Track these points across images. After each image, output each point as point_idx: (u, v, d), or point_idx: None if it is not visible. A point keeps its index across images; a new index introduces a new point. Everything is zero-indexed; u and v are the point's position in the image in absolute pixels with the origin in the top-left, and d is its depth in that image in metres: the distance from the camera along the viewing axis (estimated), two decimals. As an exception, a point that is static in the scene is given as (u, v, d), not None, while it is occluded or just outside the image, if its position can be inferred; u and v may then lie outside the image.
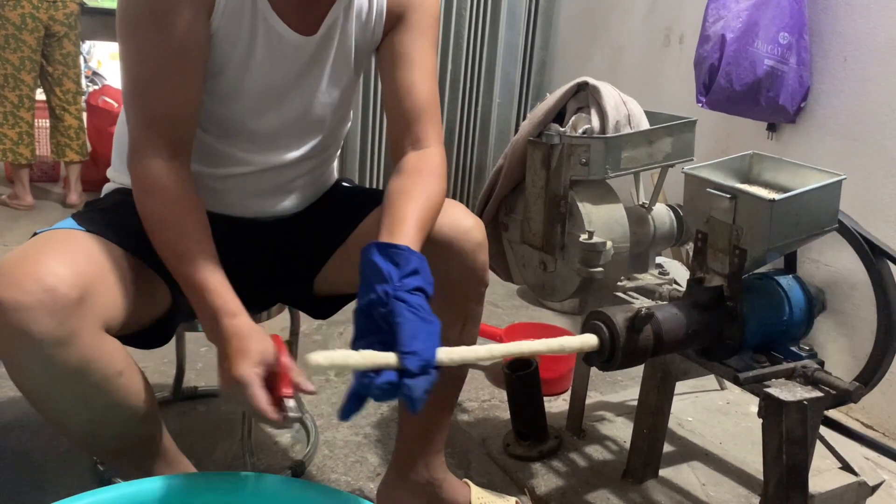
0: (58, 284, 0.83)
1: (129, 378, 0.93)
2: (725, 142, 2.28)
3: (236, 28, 1.01)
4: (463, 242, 1.07)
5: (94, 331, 0.87)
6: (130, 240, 1.00)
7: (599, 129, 1.37)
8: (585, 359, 1.10)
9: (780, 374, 1.13)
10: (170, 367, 1.74)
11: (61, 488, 1.33)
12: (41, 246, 0.89)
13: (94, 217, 1.04)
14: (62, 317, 0.83)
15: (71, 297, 0.84)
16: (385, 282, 0.84)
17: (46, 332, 0.82)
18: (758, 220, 1.09)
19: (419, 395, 0.79)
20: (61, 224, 1.00)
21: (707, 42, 1.92)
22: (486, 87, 3.25)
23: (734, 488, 1.52)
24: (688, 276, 1.26)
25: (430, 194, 1.03)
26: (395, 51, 1.12)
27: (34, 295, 0.81)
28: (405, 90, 1.10)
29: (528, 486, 1.47)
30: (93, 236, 0.96)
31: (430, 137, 1.10)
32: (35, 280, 0.82)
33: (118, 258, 0.96)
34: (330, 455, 1.55)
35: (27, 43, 3.19)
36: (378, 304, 0.83)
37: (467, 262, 1.08)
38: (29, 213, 3.38)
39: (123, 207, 1.11)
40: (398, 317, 0.82)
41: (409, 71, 1.11)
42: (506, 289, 2.65)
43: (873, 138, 1.86)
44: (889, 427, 1.86)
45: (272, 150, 1.14)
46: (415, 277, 0.87)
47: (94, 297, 0.87)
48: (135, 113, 0.99)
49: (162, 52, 0.96)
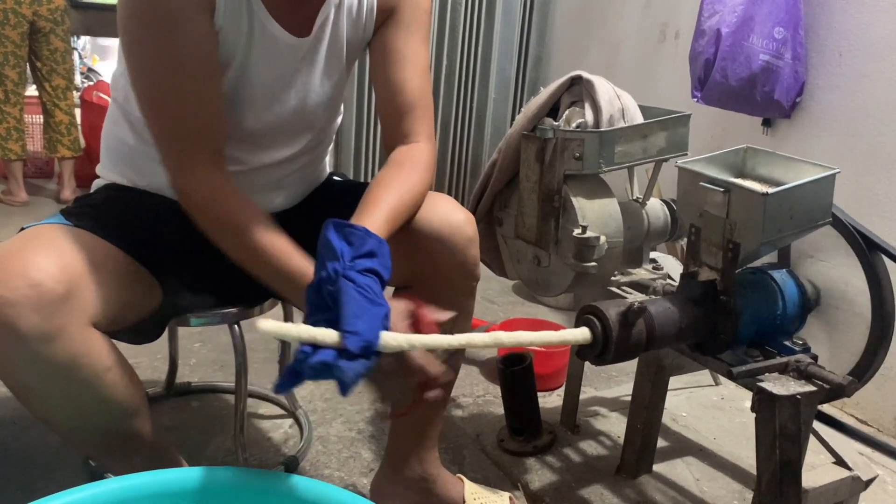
0: (44, 279, 0.82)
1: (118, 374, 0.92)
2: (720, 137, 2.27)
3: (235, 29, 1.00)
4: (454, 237, 1.07)
5: (81, 326, 0.86)
6: (120, 235, 0.99)
7: (593, 124, 1.36)
8: (578, 353, 1.09)
9: (773, 368, 1.12)
10: (163, 362, 1.73)
11: (52, 484, 1.33)
12: (27, 241, 0.88)
13: (82, 213, 1.03)
14: (48, 312, 0.82)
15: (57, 293, 0.83)
16: (335, 259, 0.83)
17: (32, 327, 0.81)
18: (751, 214, 1.09)
19: (350, 378, 0.76)
20: (49, 220, 1.00)
21: (702, 37, 1.92)
22: (481, 82, 3.24)
23: (728, 483, 1.52)
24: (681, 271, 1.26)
25: (410, 185, 1.03)
26: (386, 47, 1.11)
27: (19, 290, 0.81)
28: (397, 87, 1.10)
29: (522, 481, 1.47)
30: (80, 231, 0.95)
31: (419, 132, 1.10)
32: (20, 275, 0.82)
33: (106, 253, 0.95)
34: (323, 450, 1.54)
35: (10, 38, 3.18)
36: (327, 282, 0.82)
37: (458, 256, 1.08)
38: (23, 209, 3.37)
39: (114, 203, 1.11)
40: (344, 295, 0.80)
41: (401, 68, 1.10)
42: (501, 284, 2.64)
43: (868, 134, 1.86)
44: (883, 422, 1.86)
45: (265, 150, 1.13)
46: (369, 259, 0.85)
47: (80, 293, 0.87)
48: (163, 129, 0.98)
49: (179, 58, 0.94)
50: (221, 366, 1.89)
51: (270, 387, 1.74)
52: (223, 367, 1.88)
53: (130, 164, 1.14)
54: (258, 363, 1.86)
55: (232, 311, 1.24)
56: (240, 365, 1.29)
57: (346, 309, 0.79)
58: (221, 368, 1.87)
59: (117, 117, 1.14)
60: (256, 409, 1.69)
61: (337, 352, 0.76)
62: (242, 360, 1.28)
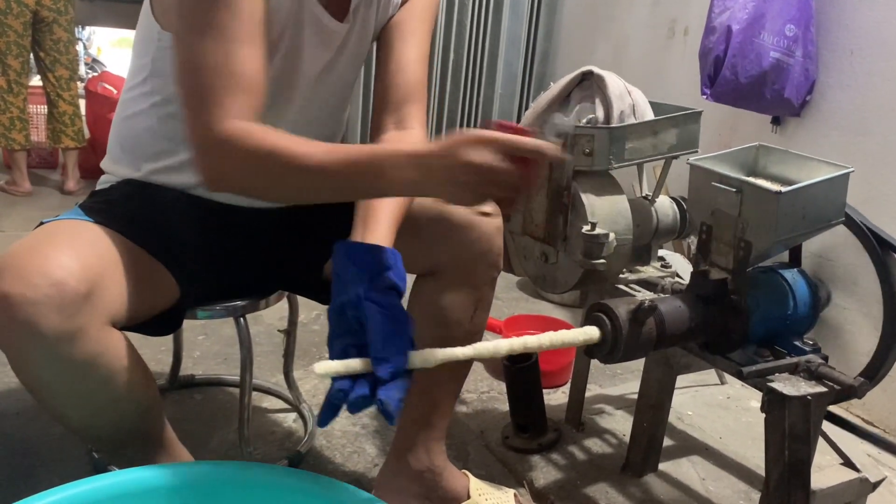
0: (66, 278, 0.81)
1: (134, 372, 0.92)
2: (729, 135, 2.26)
3: (285, 8, 0.98)
4: (483, 225, 1.08)
5: (100, 325, 0.86)
6: (138, 231, 0.98)
7: (604, 119, 1.35)
8: (587, 351, 1.08)
9: (783, 368, 1.11)
10: (167, 355, 1.72)
11: (55, 476, 1.32)
12: (48, 237, 0.87)
13: (101, 208, 1.02)
14: (70, 312, 0.81)
15: (79, 292, 0.82)
16: (355, 282, 0.84)
17: (54, 327, 0.80)
18: (764, 213, 1.08)
19: (394, 407, 0.79)
20: (68, 214, 0.98)
21: (713, 33, 1.90)
22: (488, 78, 3.23)
23: (734, 483, 1.51)
24: (690, 270, 1.25)
25: None
26: (399, 25, 1.10)
27: (41, 289, 0.79)
28: (401, 65, 1.08)
29: (527, 478, 1.46)
30: (100, 227, 0.94)
31: (413, 119, 1.08)
32: (43, 274, 0.80)
33: (125, 250, 0.94)
34: (327, 445, 1.54)
35: (13, 28, 3.16)
36: (349, 307, 0.83)
37: (484, 244, 1.08)
38: (26, 199, 3.36)
39: (132, 199, 1.09)
40: (370, 321, 0.82)
41: (408, 47, 1.09)
42: (505, 281, 2.63)
43: (880, 133, 1.84)
44: (891, 423, 1.85)
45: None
46: (386, 275, 0.86)
47: (101, 292, 0.85)
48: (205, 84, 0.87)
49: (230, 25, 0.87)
50: (225, 359, 1.88)
51: (275, 380, 1.73)
52: (227, 360, 1.87)
53: (152, 155, 1.11)
54: (262, 356, 1.85)
55: (238, 303, 1.23)
56: (245, 358, 1.28)
57: (374, 335, 0.81)
58: (225, 361, 1.87)
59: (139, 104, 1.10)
60: (260, 402, 1.68)
61: (371, 381, 0.79)
62: (248, 354, 1.28)
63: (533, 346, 0.91)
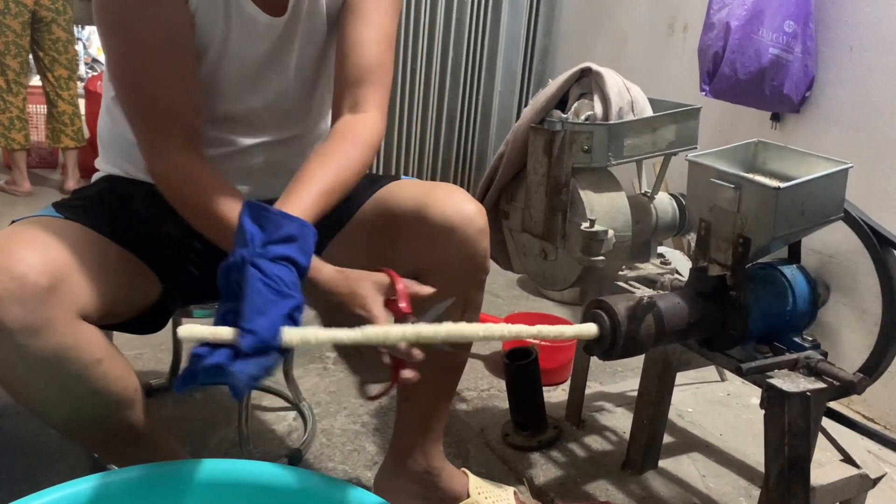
0: (27, 272, 0.81)
1: (110, 365, 0.90)
2: (728, 131, 2.26)
3: (212, 12, 0.99)
4: (465, 228, 1.05)
5: (68, 318, 0.85)
6: (113, 226, 0.98)
7: (602, 116, 1.35)
8: (586, 348, 1.08)
9: (783, 364, 1.11)
10: (166, 353, 1.73)
11: (54, 475, 1.33)
12: (12, 235, 0.87)
13: (74, 205, 1.02)
14: (33, 305, 0.81)
15: (41, 285, 0.81)
16: (245, 245, 0.79)
17: (16, 320, 0.80)
18: (763, 209, 1.07)
19: (242, 383, 0.73)
20: (40, 213, 0.98)
21: (711, 30, 1.90)
22: (487, 75, 3.22)
23: (734, 480, 1.51)
24: (689, 266, 1.24)
25: (348, 162, 0.98)
26: (353, 6, 1.07)
27: (2, 284, 0.79)
28: (354, 46, 1.05)
29: (527, 476, 1.46)
30: (70, 223, 0.94)
31: (369, 102, 1.05)
32: (3, 269, 0.80)
33: (96, 245, 0.94)
34: (327, 443, 1.54)
35: (11, 28, 3.17)
36: (234, 269, 0.78)
37: (468, 247, 1.06)
38: (27, 199, 3.36)
39: (109, 195, 1.09)
40: (248, 287, 0.76)
41: (363, 26, 1.06)
42: (506, 278, 2.63)
43: (879, 129, 1.84)
44: (891, 420, 1.85)
45: (256, 130, 1.12)
46: (284, 245, 0.80)
47: (67, 285, 0.85)
48: (137, 112, 0.96)
49: (152, 42, 0.93)
50: (225, 358, 1.88)
51: (274, 379, 1.73)
52: (227, 359, 1.87)
53: (127, 157, 1.12)
54: (262, 355, 1.85)
55: (236, 302, 1.23)
56: (244, 357, 1.28)
57: (247, 303, 0.75)
58: (225, 360, 1.87)
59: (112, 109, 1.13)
60: (260, 401, 1.68)
61: (233, 352, 0.73)
62: (247, 352, 1.27)
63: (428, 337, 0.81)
